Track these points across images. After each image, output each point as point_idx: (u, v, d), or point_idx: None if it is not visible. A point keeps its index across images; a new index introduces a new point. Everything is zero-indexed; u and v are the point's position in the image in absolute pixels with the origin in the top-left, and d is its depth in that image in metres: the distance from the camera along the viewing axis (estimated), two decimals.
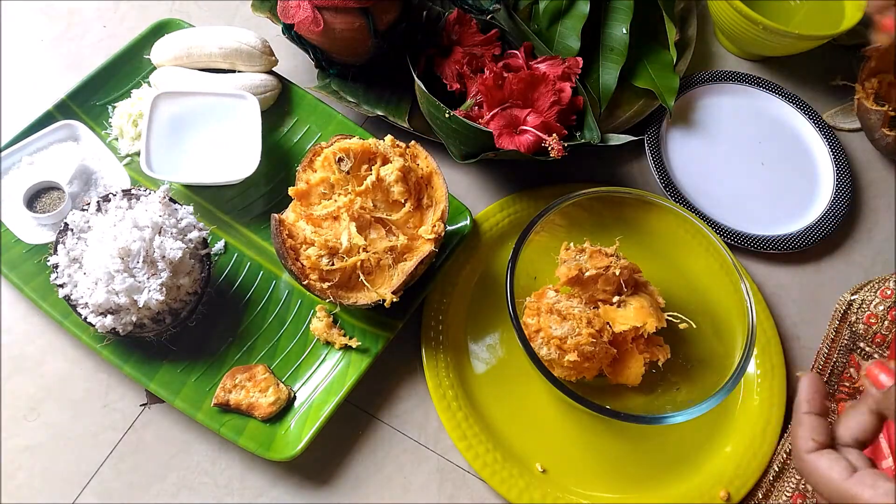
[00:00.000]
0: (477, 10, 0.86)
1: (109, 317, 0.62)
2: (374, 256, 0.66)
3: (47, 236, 0.71)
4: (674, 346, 0.71)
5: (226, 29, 0.80)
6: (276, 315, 0.72)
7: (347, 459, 0.69)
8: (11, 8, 0.90)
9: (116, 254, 0.61)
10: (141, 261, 0.62)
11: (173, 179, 0.73)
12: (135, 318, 0.63)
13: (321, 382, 0.69)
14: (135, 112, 0.77)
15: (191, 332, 0.70)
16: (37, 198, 0.73)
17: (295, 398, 0.69)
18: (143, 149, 0.72)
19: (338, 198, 0.67)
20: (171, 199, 0.67)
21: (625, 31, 0.88)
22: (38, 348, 0.70)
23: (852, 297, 0.72)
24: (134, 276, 0.62)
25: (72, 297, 0.63)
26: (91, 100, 0.79)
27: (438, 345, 0.72)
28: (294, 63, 0.88)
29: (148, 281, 0.62)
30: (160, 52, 0.80)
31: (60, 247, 0.64)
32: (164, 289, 0.62)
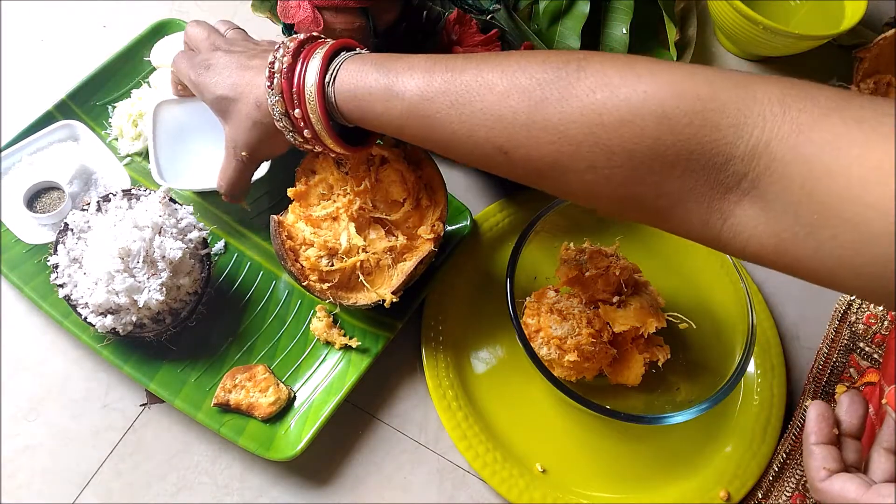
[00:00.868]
0: (477, 10, 0.86)
1: (109, 317, 0.62)
2: (374, 257, 0.66)
3: (47, 236, 0.71)
4: (674, 346, 0.71)
5: None
6: (276, 315, 0.72)
7: (347, 459, 0.69)
8: (11, 8, 0.90)
9: (116, 254, 0.61)
10: (141, 261, 0.62)
11: (186, 188, 0.73)
12: (135, 318, 0.63)
13: (321, 382, 0.69)
14: (135, 112, 0.77)
15: (191, 332, 0.70)
16: (37, 198, 0.73)
17: (295, 398, 0.69)
18: (152, 159, 0.71)
19: (337, 198, 0.67)
20: (171, 199, 0.67)
21: (625, 31, 0.87)
22: (38, 348, 0.70)
23: (852, 297, 0.72)
24: (134, 276, 0.62)
25: (72, 297, 0.63)
26: (91, 100, 0.79)
27: (438, 345, 0.72)
28: None
29: (148, 281, 0.62)
30: (160, 53, 0.80)
31: (60, 247, 0.64)
32: (164, 289, 0.62)
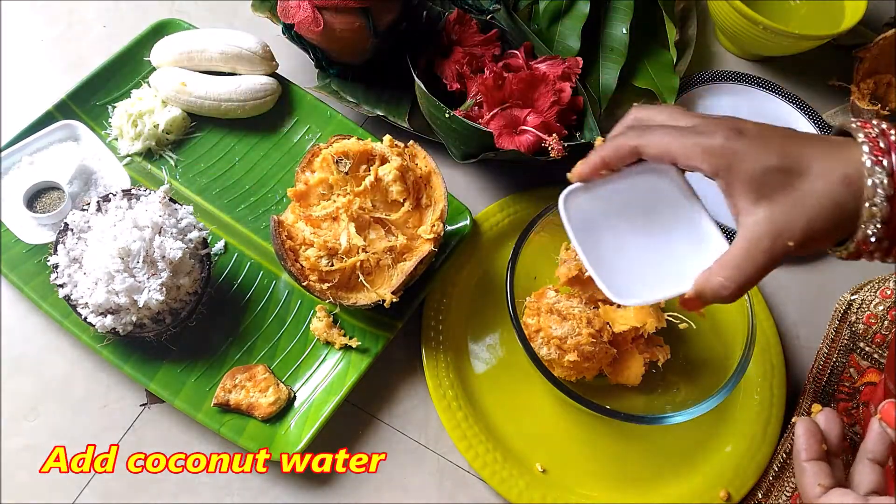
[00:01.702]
0: (477, 10, 0.86)
1: (109, 317, 0.62)
2: (374, 257, 0.66)
3: (47, 236, 0.71)
4: (674, 346, 0.71)
5: (226, 33, 0.80)
6: (276, 315, 0.72)
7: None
8: (11, 8, 0.90)
9: (116, 254, 0.61)
10: (141, 261, 0.62)
11: (649, 300, 0.53)
12: (135, 318, 0.63)
13: (321, 382, 0.69)
14: (134, 112, 0.77)
15: (191, 332, 0.70)
16: (37, 198, 0.73)
17: (295, 398, 0.69)
18: (593, 273, 0.52)
19: (336, 198, 0.67)
20: (171, 199, 0.67)
21: (625, 31, 0.88)
22: (38, 348, 0.70)
23: (852, 297, 0.72)
24: (134, 276, 0.62)
25: (72, 297, 0.63)
26: (91, 100, 0.79)
27: (438, 345, 0.72)
28: (294, 63, 0.88)
29: (148, 281, 0.62)
30: (160, 54, 0.80)
31: (60, 247, 0.64)
32: (164, 289, 0.62)
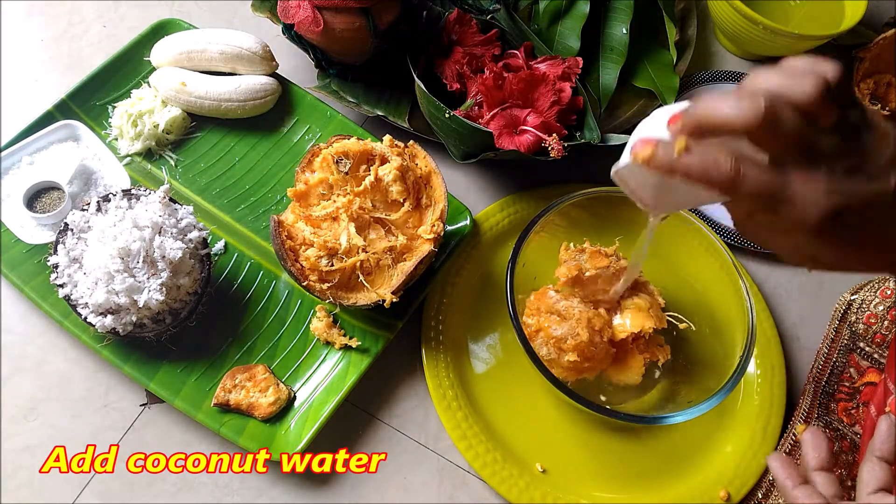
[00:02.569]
0: (477, 10, 0.86)
1: (109, 317, 0.62)
2: (374, 257, 0.66)
3: (47, 236, 0.71)
4: (674, 346, 0.71)
5: (226, 33, 0.80)
6: (276, 315, 0.72)
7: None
8: (11, 8, 0.90)
9: (116, 254, 0.61)
10: (141, 261, 0.62)
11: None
12: (135, 318, 0.63)
13: (321, 382, 0.69)
14: (134, 112, 0.77)
15: (191, 332, 0.70)
16: (37, 198, 0.73)
17: (295, 398, 0.69)
18: None
19: (336, 198, 0.67)
20: (171, 199, 0.67)
21: (625, 31, 0.88)
22: (38, 348, 0.70)
23: (852, 297, 0.72)
24: (134, 276, 0.62)
25: (72, 297, 0.63)
26: (91, 100, 0.80)
27: (438, 345, 0.72)
28: (294, 63, 0.88)
29: (148, 281, 0.62)
30: (160, 54, 0.80)
31: (60, 247, 0.64)
32: (164, 289, 0.62)
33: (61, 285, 0.63)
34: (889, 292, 0.70)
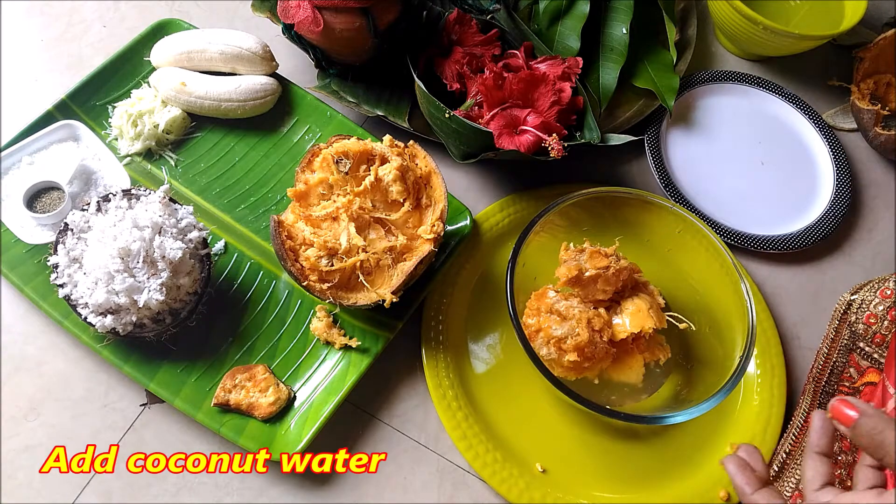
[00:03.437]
0: (477, 10, 0.86)
1: (109, 317, 0.62)
2: (374, 257, 0.66)
3: (47, 236, 0.71)
4: (674, 346, 0.71)
5: (226, 33, 0.80)
6: (276, 315, 0.72)
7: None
8: (11, 8, 0.90)
9: (116, 254, 0.61)
10: (141, 261, 0.62)
11: None
12: (135, 318, 0.63)
13: (321, 382, 0.69)
14: (134, 112, 0.77)
15: (191, 332, 0.70)
16: (37, 198, 0.73)
17: (295, 398, 0.69)
18: None
19: (336, 198, 0.67)
20: (171, 199, 0.67)
21: (625, 31, 0.88)
22: (38, 348, 0.70)
23: (852, 297, 0.72)
24: (134, 276, 0.62)
25: (72, 297, 0.63)
26: (91, 100, 0.80)
27: (438, 345, 0.72)
28: (294, 63, 0.88)
29: (148, 281, 0.62)
30: (159, 54, 0.80)
31: (60, 247, 0.64)
32: (164, 289, 0.62)
33: (61, 285, 0.63)
34: (889, 292, 0.70)
